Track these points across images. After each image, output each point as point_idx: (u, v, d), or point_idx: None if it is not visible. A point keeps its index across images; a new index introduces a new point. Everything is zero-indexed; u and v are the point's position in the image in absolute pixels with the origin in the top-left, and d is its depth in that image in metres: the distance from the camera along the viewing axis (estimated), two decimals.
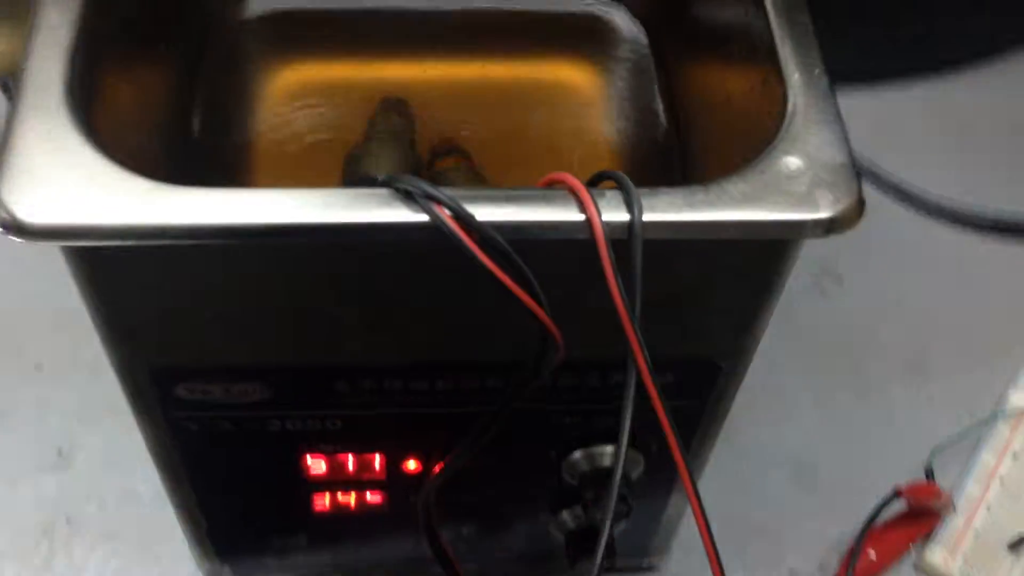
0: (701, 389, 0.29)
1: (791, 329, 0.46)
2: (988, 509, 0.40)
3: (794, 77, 0.25)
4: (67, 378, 0.43)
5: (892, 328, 0.47)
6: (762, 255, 0.25)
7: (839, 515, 0.40)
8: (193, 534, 0.34)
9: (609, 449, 0.31)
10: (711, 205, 0.23)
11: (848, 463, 0.42)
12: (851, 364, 0.45)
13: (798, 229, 0.23)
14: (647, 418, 0.28)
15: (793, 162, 0.23)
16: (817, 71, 0.26)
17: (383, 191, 0.22)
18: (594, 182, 0.23)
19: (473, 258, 0.22)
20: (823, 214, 0.23)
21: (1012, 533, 0.40)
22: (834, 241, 0.32)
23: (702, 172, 0.31)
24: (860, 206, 0.23)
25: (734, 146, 0.28)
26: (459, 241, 0.22)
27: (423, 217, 0.22)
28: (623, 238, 0.22)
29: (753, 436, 0.42)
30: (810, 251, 0.33)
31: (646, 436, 0.31)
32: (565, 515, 0.34)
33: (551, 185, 0.23)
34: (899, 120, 0.53)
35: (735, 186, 0.23)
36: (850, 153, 0.24)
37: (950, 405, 0.44)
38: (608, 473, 0.31)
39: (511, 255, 0.22)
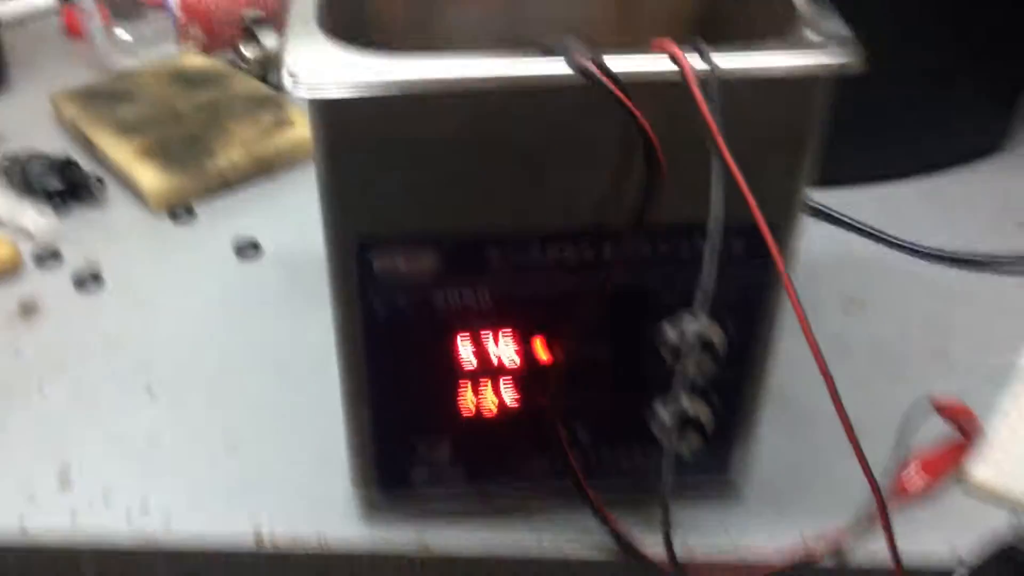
0: (764, 258, 0.38)
1: (824, 337, 0.55)
2: (1017, 435, 0.48)
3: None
4: None
5: (907, 334, 0.56)
6: (799, 95, 0.35)
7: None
8: (357, 442, 0.42)
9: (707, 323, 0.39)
10: (762, 56, 0.34)
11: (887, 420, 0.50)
12: (880, 355, 0.54)
13: (824, 68, 0.34)
14: (728, 290, 0.38)
15: (813, 33, 0.35)
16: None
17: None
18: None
19: (605, 87, 0.33)
20: (839, 60, 0.34)
21: None
22: (857, 276, 0.42)
23: None
24: (865, 59, 0.34)
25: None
26: (597, 78, 0.33)
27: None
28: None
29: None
30: (836, 282, 0.43)
31: (728, 310, 0.40)
32: (662, 411, 0.42)
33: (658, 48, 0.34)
34: (898, 205, 0.66)
35: (775, 46, 0.35)
36: (849, 30, 0.35)
37: (976, 381, 0.52)
38: (704, 342, 0.40)
39: (627, 91, 0.33)
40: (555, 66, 0.33)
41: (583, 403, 0.42)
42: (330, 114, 0.34)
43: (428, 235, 0.37)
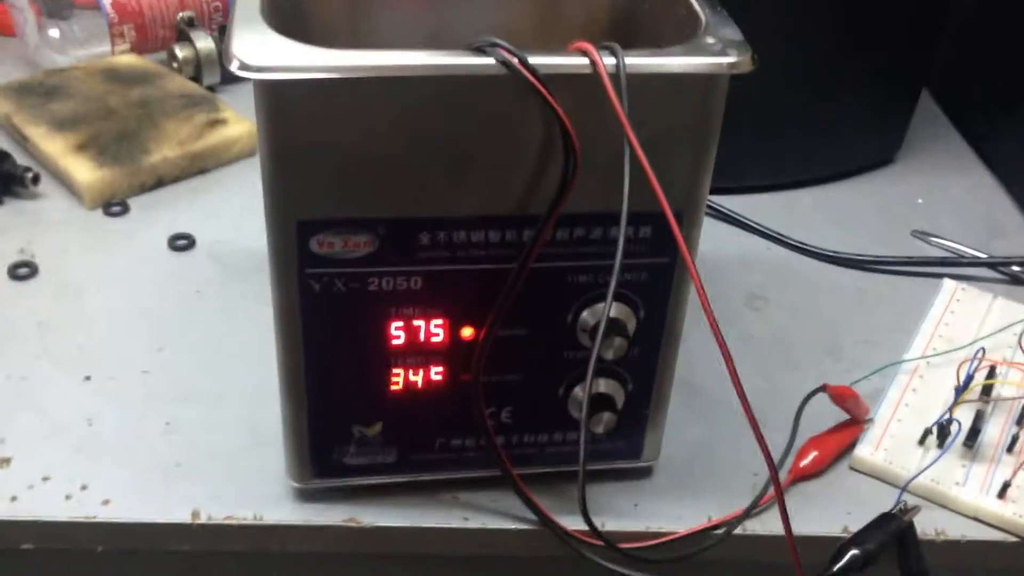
0: (670, 243, 0.42)
1: (730, 331, 0.59)
2: (899, 420, 0.52)
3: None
4: None
5: (804, 329, 0.60)
6: (698, 94, 0.39)
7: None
8: (292, 422, 0.44)
9: (619, 306, 0.43)
10: (666, 57, 0.38)
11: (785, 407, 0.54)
12: (780, 348, 0.59)
13: (718, 68, 0.38)
14: (638, 275, 0.42)
15: (712, 39, 0.39)
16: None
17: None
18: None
19: (526, 80, 0.36)
20: (732, 59, 0.38)
21: (919, 430, 0.51)
22: (761, 276, 0.47)
23: None
24: (752, 60, 0.38)
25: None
26: (518, 71, 0.36)
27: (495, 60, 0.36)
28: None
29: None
30: (742, 280, 0.48)
31: (639, 294, 0.43)
32: (578, 392, 0.45)
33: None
34: (799, 210, 0.71)
35: (677, 50, 0.38)
36: (742, 36, 0.39)
37: (864, 371, 0.56)
38: (616, 325, 0.43)
39: (546, 84, 0.36)
40: (481, 60, 0.37)
41: (506, 384, 0.45)
42: (273, 98, 0.37)
43: (363, 219, 0.40)
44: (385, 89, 0.37)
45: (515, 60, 0.36)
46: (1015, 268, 0.65)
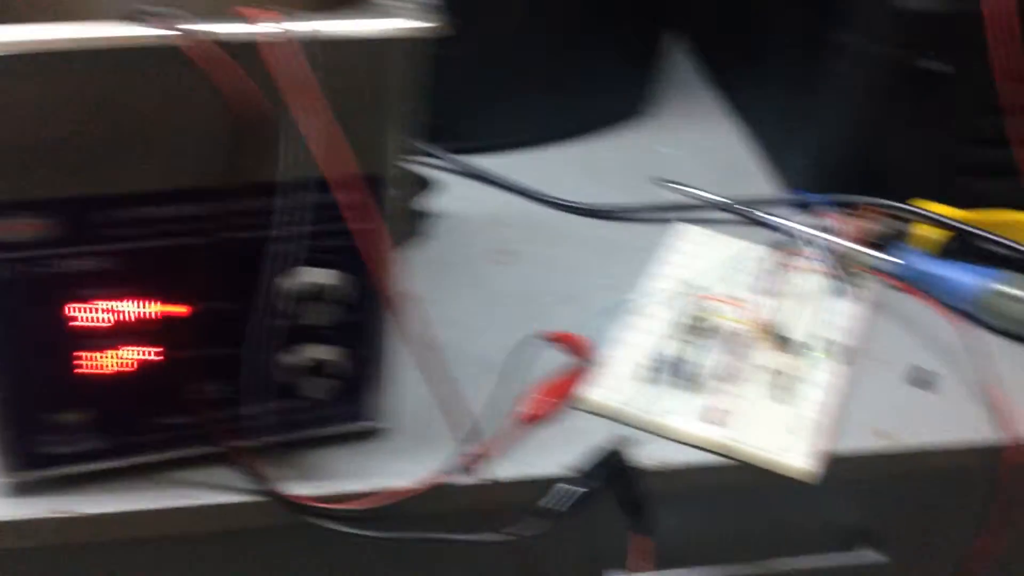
0: (369, 207, 0.43)
1: (477, 287, 0.61)
2: (623, 359, 0.55)
3: None
4: None
5: (551, 280, 0.62)
6: (378, 58, 0.39)
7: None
8: None
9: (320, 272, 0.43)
10: (337, 22, 0.38)
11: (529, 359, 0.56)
12: (527, 301, 0.61)
13: (398, 32, 0.39)
14: (337, 240, 0.42)
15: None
16: None
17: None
18: None
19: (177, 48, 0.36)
20: (413, 24, 0.39)
21: (640, 367, 0.54)
22: (510, 232, 0.49)
23: None
24: (444, 22, 0.39)
25: None
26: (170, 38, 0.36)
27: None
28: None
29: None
30: (490, 237, 0.50)
31: (341, 258, 0.44)
32: (289, 360, 0.45)
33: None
34: (549, 166, 0.73)
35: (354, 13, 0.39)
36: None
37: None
38: (320, 290, 0.43)
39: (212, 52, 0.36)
40: (138, 29, 0.36)
41: (216, 358, 0.45)
42: None
43: (28, 201, 0.38)
44: (36, 65, 0.36)
45: (167, 28, 0.36)
46: (746, 208, 0.69)
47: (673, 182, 0.72)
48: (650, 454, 0.51)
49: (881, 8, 0.61)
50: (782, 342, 0.56)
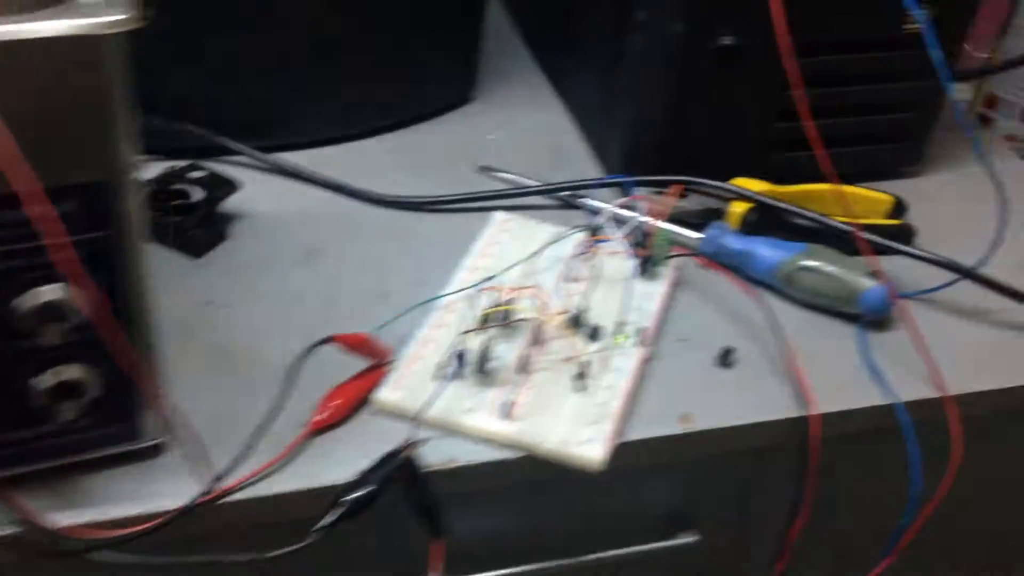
0: (103, 215, 0.40)
1: (280, 289, 0.59)
2: (423, 357, 0.53)
3: None
4: None
5: (361, 278, 0.61)
6: (81, 56, 0.37)
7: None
8: None
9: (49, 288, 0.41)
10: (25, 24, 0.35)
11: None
12: (333, 301, 0.59)
13: (95, 27, 0.36)
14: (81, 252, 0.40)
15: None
16: None
17: None
18: None
19: None
20: (109, 19, 0.36)
21: (434, 364, 0.53)
22: (321, 229, 0.53)
23: None
24: (141, 16, 0.36)
25: None
26: None
27: None
28: None
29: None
30: (299, 235, 0.53)
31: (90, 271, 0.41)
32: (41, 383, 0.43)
33: None
34: (369, 158, 0.71)
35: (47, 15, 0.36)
36: None
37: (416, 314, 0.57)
38: (57, 308, 0.41)
39: None
40: None
41: None
42: None
43: None
44: None
45: None
46: (565, 193, 0.68)
47: (495, 169, 0.70)
48: (446, 453, 0.49)
49: None
50: (586, 331, 0.55)
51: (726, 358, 0.56)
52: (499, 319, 0.55)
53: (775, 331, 0.58)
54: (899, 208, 0.67)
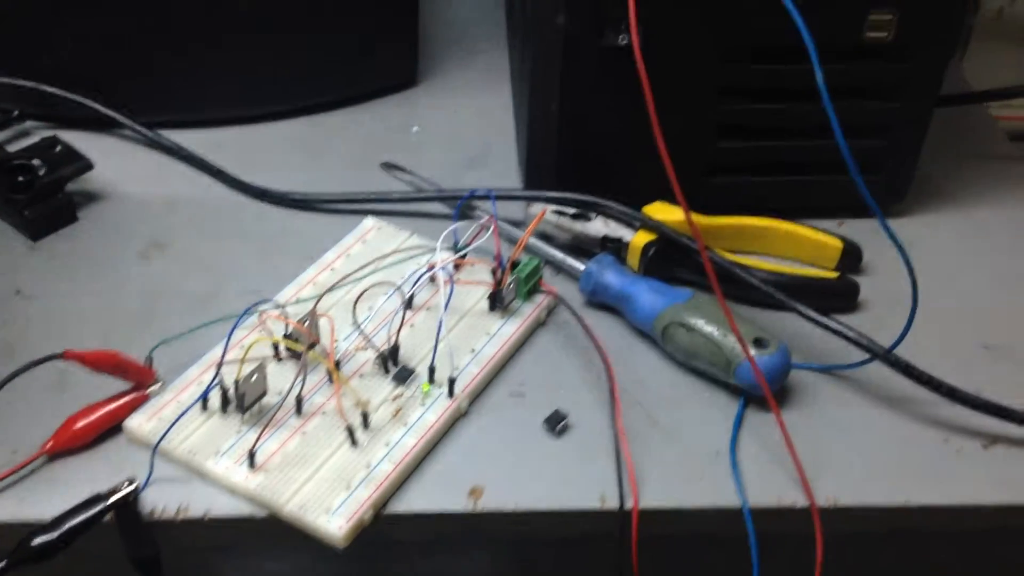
0: None
1: (118, 285, 0.54)
2: (201, 384, 0.47)
3: None
4: None
5: (197, 277, 0.55)
6: None
7: None
8: None
9: None
10: None
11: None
12: (166, 299, 0.53)
13: None
14: None
15: None
16: None
17: None
18: None
19: None
20: None
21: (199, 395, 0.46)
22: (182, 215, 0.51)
23: None
24: None
25: None
26: None
27: None
28: None
29: None
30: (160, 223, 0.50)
31: None
32: None
33: None
34: (275, 143, 0.65)
35: None
36: None
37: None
38: None
39: None
40: None
41: None
42: None
43: None
44: None
45: None
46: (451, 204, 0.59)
47: (397, 167, 0.63)
48: (185, 499, 0.43)
49: None
50: (400, 373, 0.48)
51: (555, 424, 0.47)
52: (287, 350, 0.48)
53: (614, 399, 0.48)
54: (850, 256, 0.55)
